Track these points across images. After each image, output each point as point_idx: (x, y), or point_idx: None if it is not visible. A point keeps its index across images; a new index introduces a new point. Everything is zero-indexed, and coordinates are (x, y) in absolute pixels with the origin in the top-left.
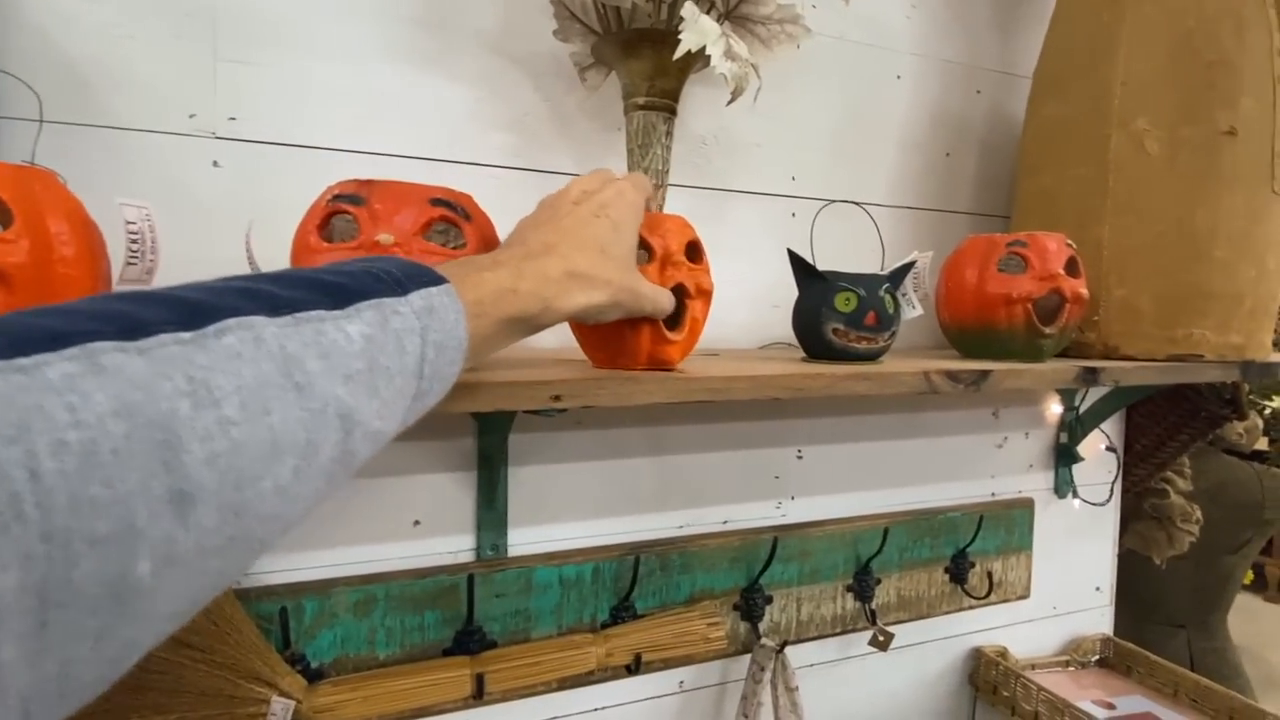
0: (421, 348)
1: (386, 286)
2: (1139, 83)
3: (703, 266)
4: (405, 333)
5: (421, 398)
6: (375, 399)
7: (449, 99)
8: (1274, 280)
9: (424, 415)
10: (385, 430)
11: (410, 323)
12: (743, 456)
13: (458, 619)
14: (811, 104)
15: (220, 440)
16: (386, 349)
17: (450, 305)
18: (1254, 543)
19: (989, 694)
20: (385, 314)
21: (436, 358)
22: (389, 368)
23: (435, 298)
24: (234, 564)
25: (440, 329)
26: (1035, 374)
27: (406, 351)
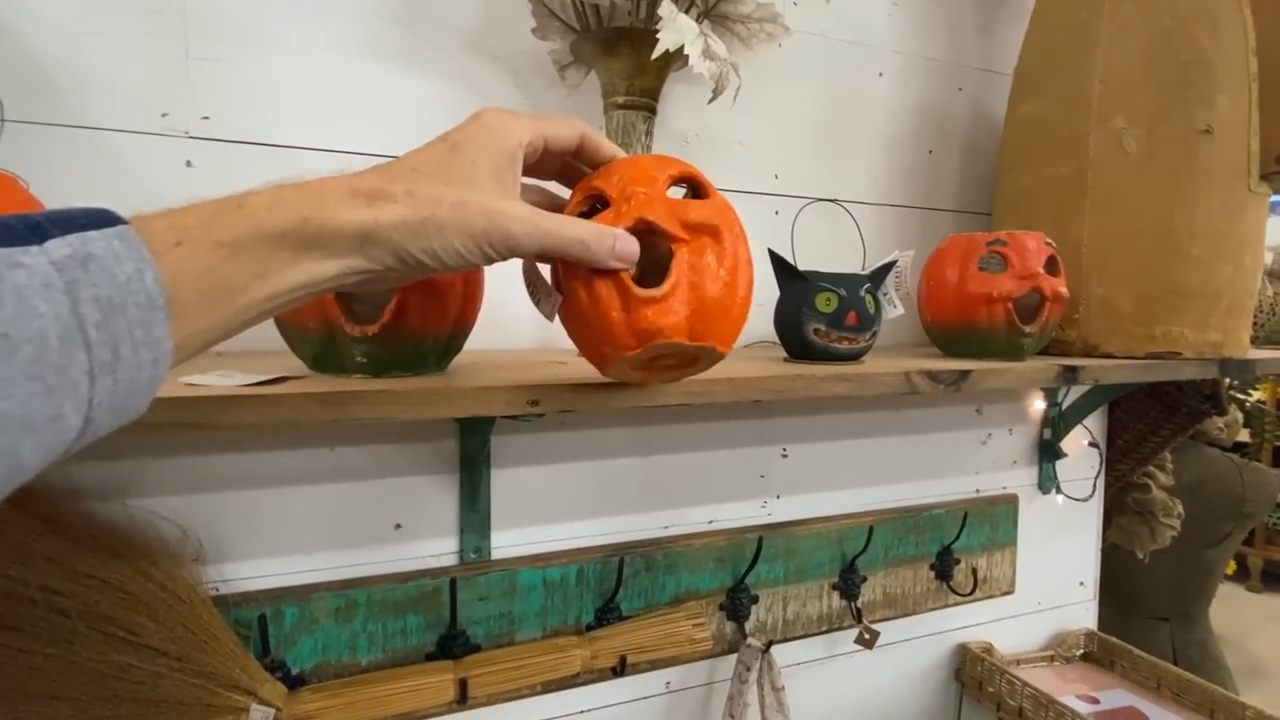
0: (73, 306)
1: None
2: (1117, 81)
3: (709, 203)
4: (32, 290)
5: (109, 370)
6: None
7: (427, 97)
8: (1250, 278)
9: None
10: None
11: (43, 276)
12: (728, 456)
13: (441, 623)
14: (794, 102)
15: None
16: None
17: (123, 251)
18: (1235, 536)
19: (975, 690)
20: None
21: (107, 320)
22: (8, 335)
23: (95, 244)
24: None
25: (105, 282)
26: (1016, 373)
27: (40, 314)
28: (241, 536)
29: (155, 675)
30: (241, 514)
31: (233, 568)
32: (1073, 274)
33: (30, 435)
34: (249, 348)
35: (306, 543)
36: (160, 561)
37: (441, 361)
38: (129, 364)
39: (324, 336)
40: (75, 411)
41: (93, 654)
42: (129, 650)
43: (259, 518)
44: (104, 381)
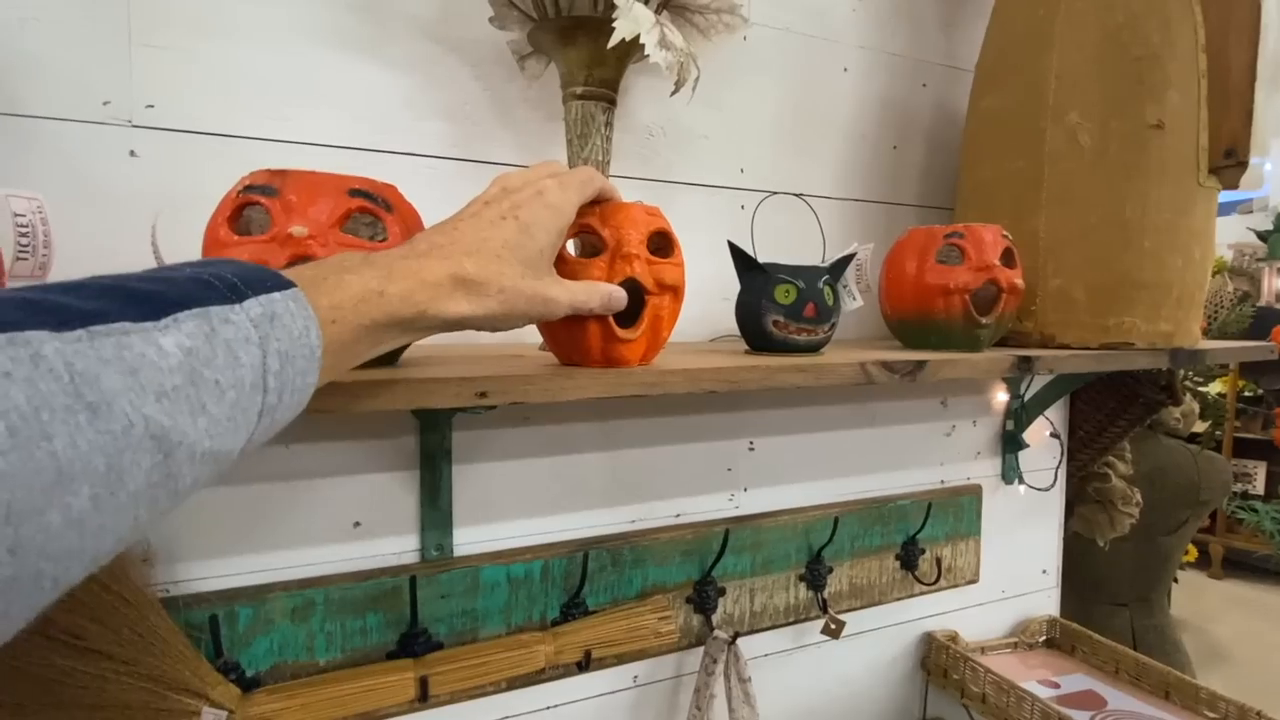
0: (262, 359)
1: (216, 294)
2: (1071, 77)
3: (672, 260)
4: (238, 343)
5: (270, 413)
6: (202, 416)
7: (381, 86)
8: (1200, 270)
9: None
10: (222, 450)
11: (245, 332)
12: (695, 449)
13: (402, 622)
14: (760, 96)
15: None
16: (214, 362)
17: (297, 311)
18: (1191, 523)
19: (940, 678)
20: (212, 324)
21: (283, 369)
22: (218, 382)
23: (278, 304)
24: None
25: (285, 338)
26: (971, 363)
27: (241, 364)
28: (192, 536)
29: (101, 679)
30: (193, 513)
31: (183, 568)
32: (1029, 266)
33: (214, 466)
34: None
35: (261, 542)
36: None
37: (392, 355)
38: (285, 406)
39: None
40: (241, 446)
41: (35, 659)
42: (73, 655)
43: (211, 517)
44: (265, 421)
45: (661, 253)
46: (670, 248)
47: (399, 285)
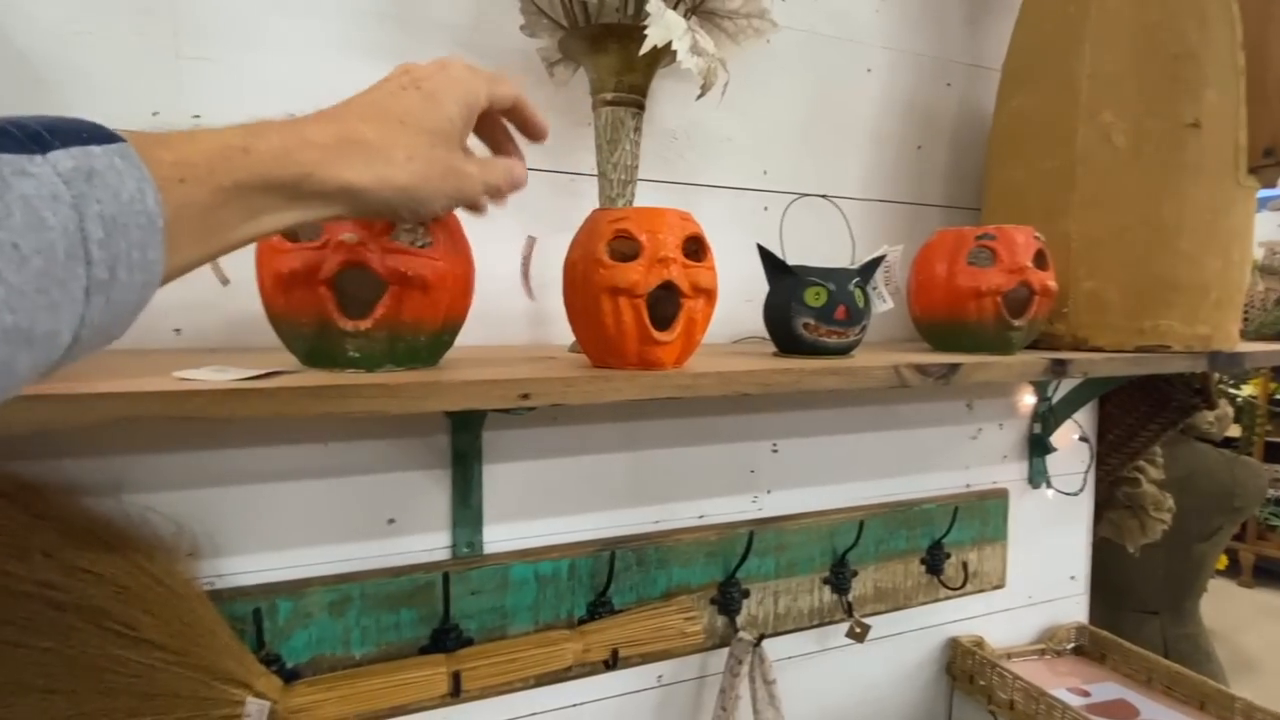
0: (79, 222)
1: (9, 140)
2: (1105, 76)
3: (705, 264)
4: (42, 200)
5: (102, 290)
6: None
7: None
8: (1239, 271)
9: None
10: (36, 328)
11: (51, 188)
12: (718, 451)
13: (434, 617)
14: (783, 98)
15: None
16: (7, 221)
17: (125, 168)
18: (1225, 530)
19: (966, 683)
20: (2, 175)
21: (110, 238)
22: (17, 245)
23: (97, 159)
24: None
25: (109, 200)
26: (1004, 366)
27: (48, 226)
28: (236, 532)
29: (151, 669)
30: (236, 509)
31: (227, 563)
32: (1061, 268)
33: (29, 349)
34: (242, 345)
35: (300, 538)
36: (156, 556)
37: (433, 356)
38: (122, 285)
39: (317, 332)
40: (68, 328)
41: (88, 648)
42: (125, 644)
43: (253, 513)
44: (97, 300)
45: (695, 256)
46: (703, 252)
47: (269, 141)
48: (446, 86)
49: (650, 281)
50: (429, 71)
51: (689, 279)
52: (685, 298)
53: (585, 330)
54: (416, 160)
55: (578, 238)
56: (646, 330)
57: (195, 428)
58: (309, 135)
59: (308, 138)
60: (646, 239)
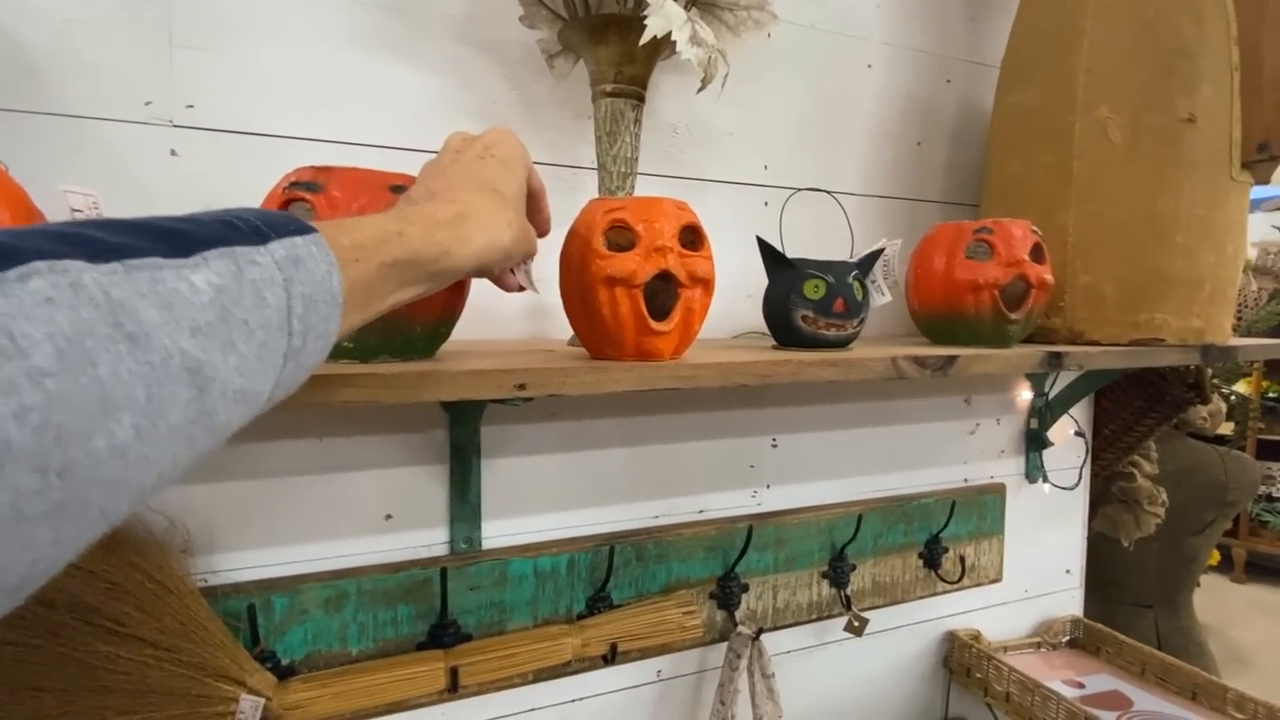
0: (287, 300)
1: (241, 235)
2: (1102, 71)
3: (702, 253)
4: (265, 284)
5: (295, 356)
6: (232, 354)
7: (414, 87)
8: (1232, 265)
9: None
10: (252, 390)
11: (270, 273)
12: (718, 446)
13: (431, 613)
14: (784, 93)
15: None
16: (242, 301)
17: (319, 255)
18: (1218, 524)
19: (963, 676)
20: (239, 263)
21: (306, 312)
22: (246, 321)
23: (301, 248)
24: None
25: (308, 281)
26: (1001, 359)
27: (268, 305)
28: (230, 528)
29: (143, 666)
30: (230, 505)
31: (221, 559)
32: (1058, 262)
33: (244, 407)
34: None
35: (296, 534)
36: (147, 552)
37: (429, 347)
38: (309, 351)
39: None
40: (269, 388)
41: (79, 645)
42: (116, 641)
43: (248, 509)
44: (291, 364)
45: (692, 246)
46: (700, 242)
47: (416, 227)
48: (513, 155)
49: (647, 271)
50: (492, 139)
51: (686, 268)
52: (683, 287)
53: (582, 322)
54: (513, 226)
55: (574, 228)
56: (644, 320)
57: None
58: (439, 218)
59: (439, 220)
60: (643, 228)
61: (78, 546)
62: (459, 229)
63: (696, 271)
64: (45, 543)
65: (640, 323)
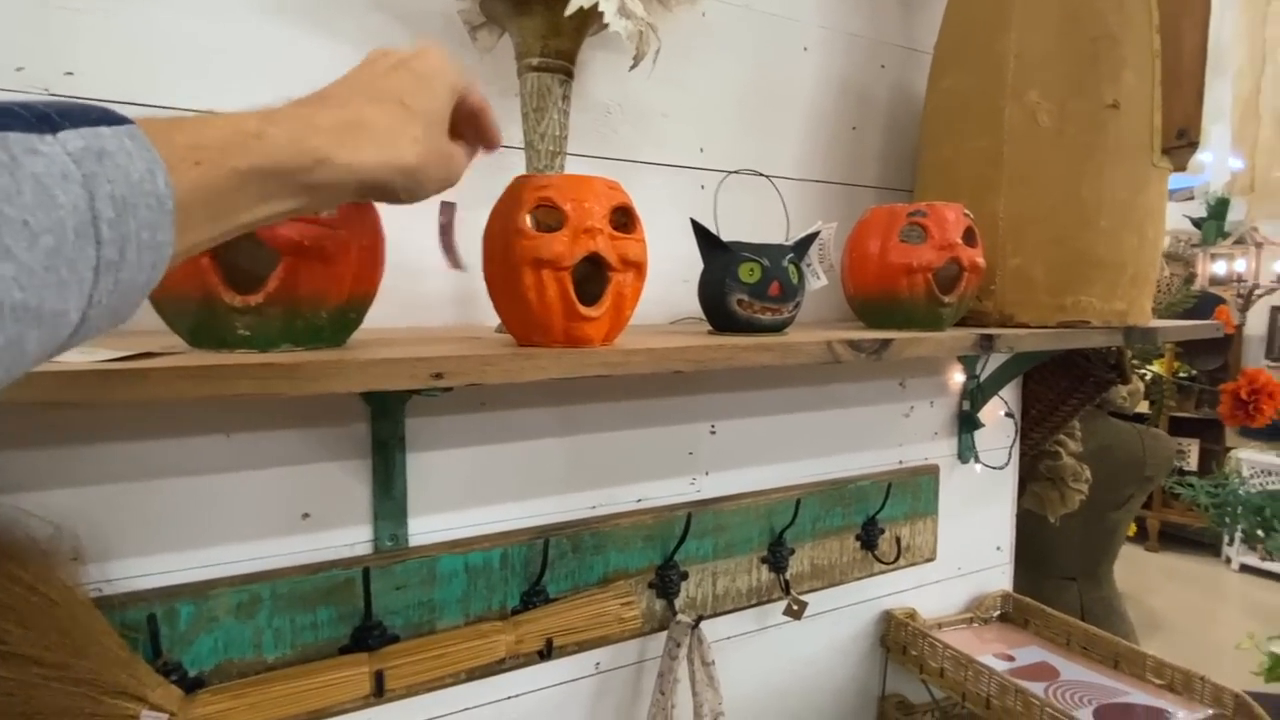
0: (89, 201)
1: (18, 120)
2: (1031, 56)
3: (634, 236)
4: (51, 179)
5: (111, 270)
6: (7, 261)
7: (325, 60)
8: (1153, 249)
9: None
10: (46, 307)
11: (61, 166)
12: (656, 434)
13: (355, 615)
14: (720, 74)
15: None
16: (18, 198)
17: (135, 150)
18: (1136, 498)
19: (899, 654)
20: (12, 152)
21: (120, 217)
22: (26, 222)
23: (107, 139)
24: None
25: (120, 180)
26: (935, 341)
27: (59, 205)
28: (128, 532)
29: (28, 686)
30: (126, 508)
31: (118, 565)
32: (989, 245)
33: (37, 328)
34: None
35: (203, 536)
36: (29, 563)
37: (337, 336)
38: (131, 265)
39: (201, 307)
40: (76, 308)
41: None
42: None
43: (147, 511)
44: (106, 280)
45: (624, 228)
46: (632, 223)
47: (283, 127)
48: (435, 71)
49: (575, 253)
50: (414, 55)
51: (617, 251)
52: (613, 271)
53: (507, 306)
54: (420, 143)
55: (498, 206)
56: (572, 305)
57: (66, 417)
58: (318, 121)
59: (317, 124)
60: (571, 208)
61: None
62: (342, 135)
63: (628, 254)
64: None
65: (569, 307)
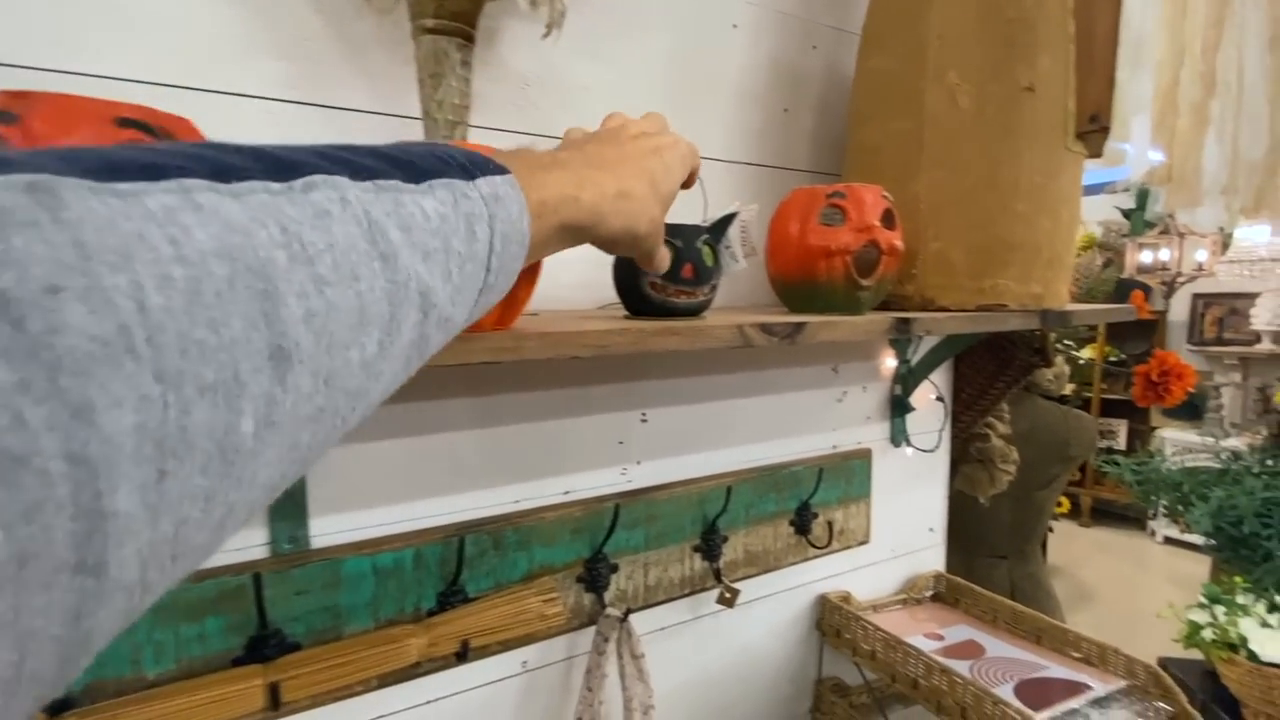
0: (490, 237)
1: (452, 169)
2: (951, 37)
3: None
4: (475, 218)
5: (488, 292)
6: (449, 283)
7: (206, 20)
8: (1067, 233)
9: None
10: (456, 319)
11: (479, 208)
12: (584, 423)
13: (249, 624)
14: (644, 48)
15: (315, 299)
16: (459, 232)
17: (514, 197)
18: (1061, 478)
19: (834, 638)
20: (456, 195)
21: (503, 250)
22: (461, 252)
23: (501, 187)
24: (320, 440)
25: (506, 220)
26: (849, 325)
27: (477, 238)
28: None
29: None
30: None
31: None
32: (911, 229)
33: (446, 336)
34: None
35: None
36: None
37: None
38: (496, 290)
39: None
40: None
41: None
42: None
43: None
44: (483, 299)
45: None
46: None
47: (589, 193)
48: (678, 163)
49: None
50: (666, 143)
51: None
52: None
53: None
54: (655, 222)
55: None
56: None
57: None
58: (606, 190)
59: (604, 190)
60: None
61: (320, 453)
62: (616, 204)
63: None
64: (304, 445)
65: None
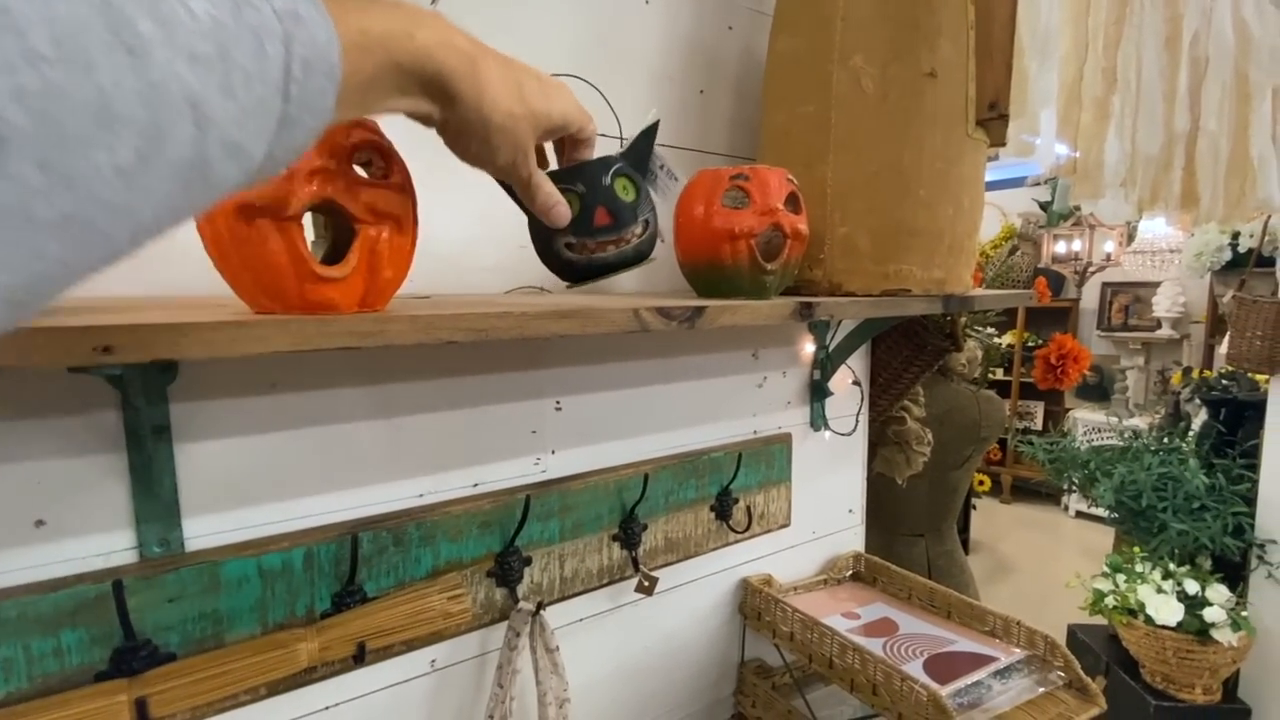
0: (285, 59)
1: None
2: (856, 20)
3: (389, 182)
4: (264, 32)
5: (289, 126)
6: (231, 100)
7: None
8: (969, 219)
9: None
10: (250, 149)
11: (270, 24)
12: (494, 412)
13: (113, 635)
14: (555, 21)
15: (28, 74)
16: (241, 44)
17: (319, 21)
18: (974, 458)
19: (755, 620)
20: (238, 2)
21: (305, 79)
22: (245, 68)
23: (301, 4)
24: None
25: (308, 44)
26: (751, 310)
27: (267, 56)
28: None
29: None
30: None
31: None
32: (819, 213)
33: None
34: None
35: None
36: None
37: None
38: (302, 127)
39: None
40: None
41: None
42: None
43: None
44: (283, 135)
45: (376, 172)
46: (389, 168)
47: (427, 34)
48: (560, 96)
49: (302, 199)
50: (555, 80)
51: (363, 200)
52: (360, 223)
53: (225, 266)
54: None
55: None
56: (304, 264)
57: None
58: (457, 41)
59: (455, 43)
60: None
61: (81, 271)
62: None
63: (379, 205)
64: (53, 258)
65: (300, 267)
